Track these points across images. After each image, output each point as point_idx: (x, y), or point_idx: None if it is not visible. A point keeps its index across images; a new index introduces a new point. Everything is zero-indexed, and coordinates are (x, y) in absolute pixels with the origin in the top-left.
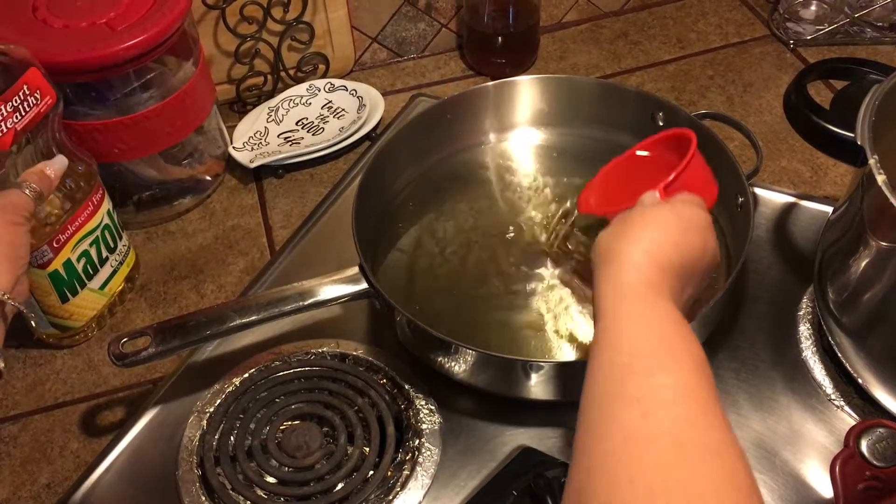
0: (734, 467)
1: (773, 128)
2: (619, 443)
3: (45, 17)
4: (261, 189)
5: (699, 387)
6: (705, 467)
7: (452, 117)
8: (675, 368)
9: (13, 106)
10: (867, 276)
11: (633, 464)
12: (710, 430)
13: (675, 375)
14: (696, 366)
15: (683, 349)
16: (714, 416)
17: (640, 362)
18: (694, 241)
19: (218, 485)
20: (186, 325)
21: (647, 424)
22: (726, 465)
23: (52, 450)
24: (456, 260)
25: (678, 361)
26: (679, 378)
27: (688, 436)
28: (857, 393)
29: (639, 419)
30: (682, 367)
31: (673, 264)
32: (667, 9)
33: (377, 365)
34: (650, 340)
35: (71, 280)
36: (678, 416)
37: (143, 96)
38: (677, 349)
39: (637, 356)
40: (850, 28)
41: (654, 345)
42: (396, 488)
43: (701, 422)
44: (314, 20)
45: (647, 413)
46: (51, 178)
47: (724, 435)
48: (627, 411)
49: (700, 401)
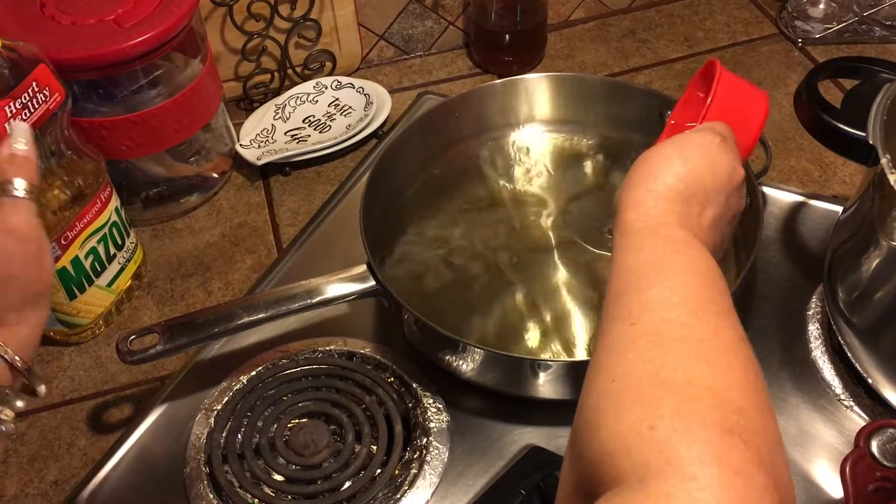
0: (722, 356)
1: (781, 126)
2: (606, 353)
3: (54, 13)
4: (268, 186)
5: (697, 292)
6: (690, 355)
7: (459, 115)
8: (669, 280)
9: (22, 103)
10: (878, 275)
11: (617, 365)
12: (697, 326)
13: (670, 286)
14: (694, 274)
15: (683, 262)
16: (709, 316)
17: (634, 284)
18: (697, 163)
19: (226, 482)
20: (194, 322)
21: (633, 330)
22: (712, 351)
23: (60, 447)
24: (464, 258)
25: (675, 273)
26: (674, 288)
27: (674, 333)
28: (866, 393)
29: (627, 328)
30: (677, 278)
31: (678, 192)
32: (674, 7)
33: (385, 363)
34: (647, 263)
35: (79, 277)
36: (667, 318)
37: (150, 93)
38: (675, 263)
39: (631, 279)
40: (858, 27)
41: (651, 266)
42: (404, 487)
43: (691, 320)
44: (321, 17)
45: (635, 322)
46: (28, 157)
47: (713, 328)
48: (618, 325)
49: (695, 303)
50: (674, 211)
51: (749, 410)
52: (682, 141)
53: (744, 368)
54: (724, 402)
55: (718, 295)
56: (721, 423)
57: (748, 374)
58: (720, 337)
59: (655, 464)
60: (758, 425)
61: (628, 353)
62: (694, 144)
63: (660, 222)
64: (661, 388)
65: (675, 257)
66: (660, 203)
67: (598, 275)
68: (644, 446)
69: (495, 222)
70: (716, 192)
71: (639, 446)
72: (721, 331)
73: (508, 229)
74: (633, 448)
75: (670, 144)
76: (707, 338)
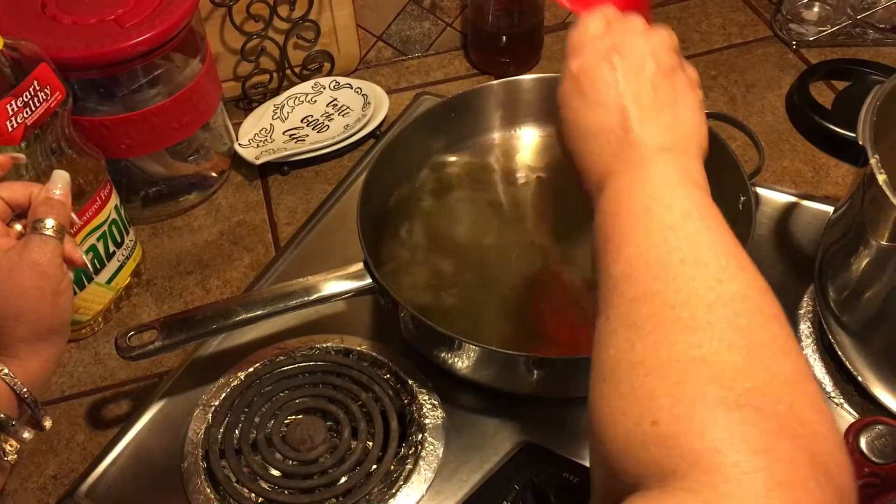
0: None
1: (775, 128)
2: (593, 350)
3: (55, 13)
4: (266, 186)
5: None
6: (668, 331)
7: (457, 115)
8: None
9: (24, 101)
10: (867, 275)
11: (602, 361)
12: (666, 293)
13: (617, 269)
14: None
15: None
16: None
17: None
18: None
19: (223, 477)
20: (193, 319)
21: (608, 324)
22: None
23: (59, 442)
24: (459, 256)
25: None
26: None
27: (644, 311)
28: (856, 391)
29: (602, 322)
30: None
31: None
32: (670, 9)
33: (381, 360)
34: (707, 242)
35: (78, 274)
36: (633, 296)
37: (150, 93)
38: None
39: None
40: (852, 30)
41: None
42: (399, 482)
43: (660, 288)
44: (320, 18)
45: (609, 314)
46: (62, 202)
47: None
48: (597, 320)
49: (658, 265)
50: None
51: (756, 371)
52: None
53: (737, 323)
54: (721, 370)
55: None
56: (724, 397)
57: (749, 329)
58: (716, 298)
59: (668, 463)
60: (772, 385)
61: (609, 349)
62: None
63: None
64: (649, 375)
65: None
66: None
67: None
68: (651, 447)
69: (491, 221)
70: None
71: (646, 447)
72: (713, 290)
73: (505, 228)
74: (639, 450)
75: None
76: (696, 303)
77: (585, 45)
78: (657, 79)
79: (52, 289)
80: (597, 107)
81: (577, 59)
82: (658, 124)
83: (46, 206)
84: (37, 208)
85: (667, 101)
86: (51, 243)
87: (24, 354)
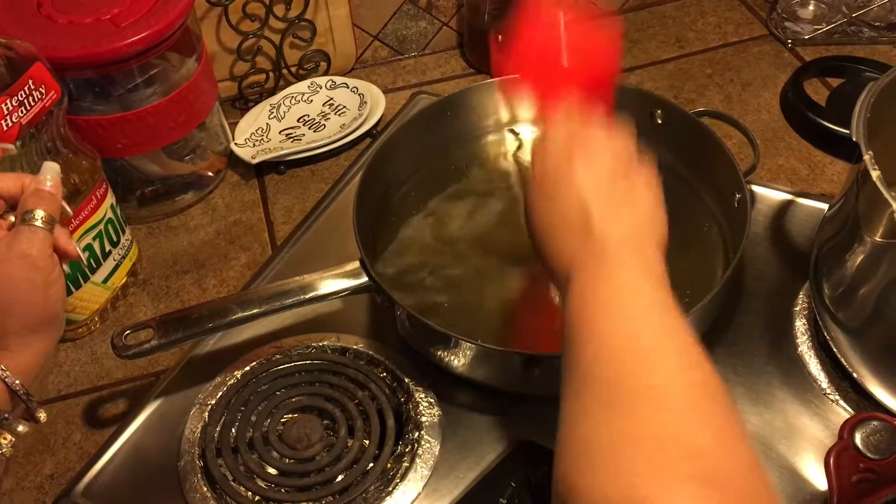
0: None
1: (770, 126)
2: (570, 411)
3: (50, 13)
4: (262, 185)
5: (655, 339)
6: (652, 407)
7: (453, 114)
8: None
9: (18, 100)
10: (862, 271)
11: (584, 426)
12: (656, 376)
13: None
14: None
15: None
16: (669, 363)
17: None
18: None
19: (220, 475)
20: (189, 317)
21: (578, 405)
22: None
23: (56, 441)
24: (456, 255)
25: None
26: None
27: (632, 385)
28: (851, 387)
29: (572, 403)
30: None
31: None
32: (666, 8)
33: (377, 359)
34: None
35: (74, 273)
36: (625, 372)
37: (146, 92)
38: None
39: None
40: (847, 28)
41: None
42: (396, 480)
43: (648, 370)
44: (316, 18)
45: (580, 398)
46: (52, 193)
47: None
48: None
49: (654, 351)
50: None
51: (723, 454)
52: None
53: (703, 408)
54: (693, 449)
55: (673, 339)
56: (697, 476)
57: (714, 415)
58: (685, 382)
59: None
60: (737, 468)
61: (584, 427)
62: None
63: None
64: (628, 448)
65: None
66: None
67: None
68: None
69: (488, 220)
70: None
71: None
72: (681, 375)
73: (501, 227)
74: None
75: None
76: (666, 385)
77: (547, 153)
78: (616, 176)
79: (43, 280)
80: (560, 204)
81: (539, 166)
82: (618, 219)
83: (36, 196)
84: (26, 199)
85: (625, 197)
86: (40, 234)
87: (16, 347)
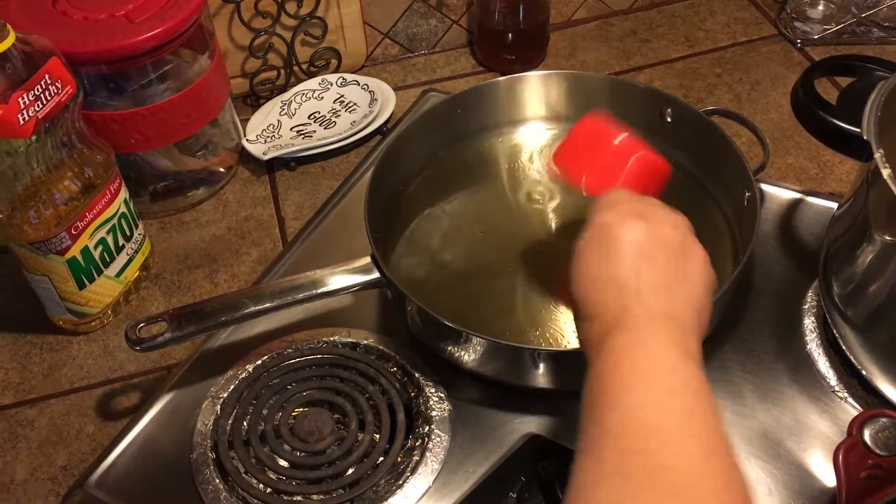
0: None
1: (779, 125)
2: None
3: (66, 9)
4: (273, 181)
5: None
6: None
7: (463, 111)
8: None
9: (35, 95)
10: (871, 269)
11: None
12: (670, 455)
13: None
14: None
15: (712, 417)
16: (691, 447)
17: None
18: (698, 262)
19: (232, 468)
20: (202, 311)
21: (600, 467)
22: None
23: (69, 433)
24: (465, 251)
25: (704, 423)
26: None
27: (646, 465)
28: (860, 384)
29: (591, 463)
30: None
31: (696, 308)
32: (675, 7)
33: (388, 353)
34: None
35: (88, 267)
36: (633, 448)
37: (159, 88)
38: (706, 417)
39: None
40: (856, 28)
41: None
42: (406, 473)
43: (663, 449)
44: (327, 15)
45: (600, 461)
46: None
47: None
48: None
49: (673, 431)
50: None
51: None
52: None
53: (721, 499)
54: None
55: (697, 418)
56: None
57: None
58: (707, 470)
59: None
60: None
61: (599, 495)
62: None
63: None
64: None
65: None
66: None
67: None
68: None
69: (497, 216)
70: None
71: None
72: (704, 462)
73: (510, 223)
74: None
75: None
76: (688, 469)
77: (614, 206)
78: (675, 249)
79: None
80: (614, 262)
81: (604, 215)
82: (668, 292)
83: None
84: None
85: (679, 274)
86: None
87: None
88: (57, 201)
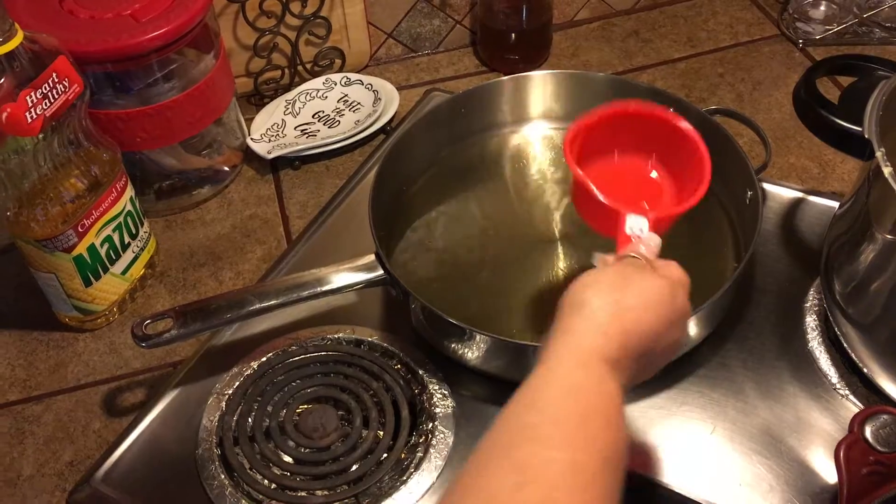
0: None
1: (781, 125)
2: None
3: (72, 8)
4: (277, 180)
5: (595, 476)
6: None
7: (466, 111)
8: (579, 450)
9: (42, 93)
10: (873, 267)
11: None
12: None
13: (574, 456)
14: (606, 455)
15: (601, 435)
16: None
17: (545, 430)
18: (673, 337)
19: (237, 464)
20: (207, 308)
21: (515, 497)
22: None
23: (75, 429)
24: (469, 249)
25: (588, 445)
26: (577, 460)
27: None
28: (861, 382)
29: (511, 489)
30: (587, 451)
31: (643, 352)
32: (678, 8)
33: (392, 350)
34: (570, 415)
35: (94, 264)
36: (552, 497)
37: (165, 87)
38: (595, 432)
39: (547, 423)
40: (858, 28)
41: (572, 421)
42: (410, 470)
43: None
44: (331, 15)
45: (522, 485)
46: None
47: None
48: (505, 477)
49: (587, 491)
50: (626, 367)
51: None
52: (679, 299)
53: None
54: None
55: (608, 479)
56: None
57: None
58: None
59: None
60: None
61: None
62: (682, 312)
63: (611, 371)
64: None
65: (598, 426)
66: (620, 352)
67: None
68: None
69: (500, 215)
70: (658, 364)
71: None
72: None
73: (513, 222)
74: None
75: (667, 294)
76: None
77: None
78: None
79: None
80: (588, 307)
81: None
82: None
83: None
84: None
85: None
86: None
87: None
88: (64, 199)
